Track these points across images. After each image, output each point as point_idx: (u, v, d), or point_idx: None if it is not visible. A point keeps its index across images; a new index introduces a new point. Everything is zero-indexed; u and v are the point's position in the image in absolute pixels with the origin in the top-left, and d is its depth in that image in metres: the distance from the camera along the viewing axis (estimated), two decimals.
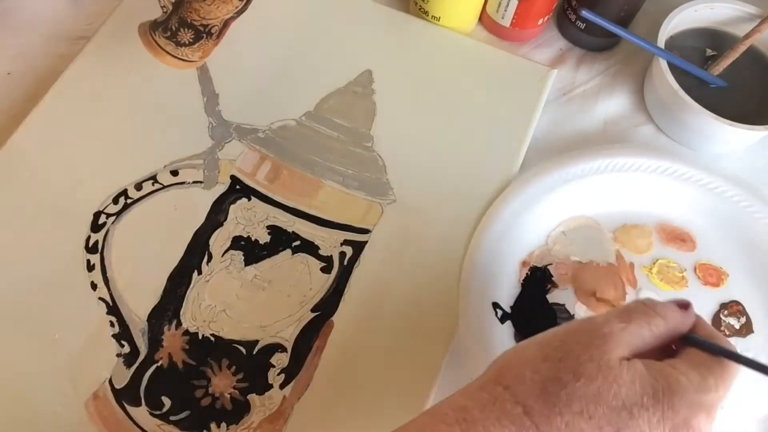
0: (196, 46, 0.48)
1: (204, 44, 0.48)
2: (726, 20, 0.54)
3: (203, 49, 0.48)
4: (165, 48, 0.47)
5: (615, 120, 0.55)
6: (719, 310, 0.47)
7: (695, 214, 0.49)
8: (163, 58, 0.48)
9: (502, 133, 0.52)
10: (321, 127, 0.52)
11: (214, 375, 0.44)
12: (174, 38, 0.47)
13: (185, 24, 0.47)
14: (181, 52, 0.48)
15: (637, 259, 0.48)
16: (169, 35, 0.47)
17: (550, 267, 0.48)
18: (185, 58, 0.48)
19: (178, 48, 0.48)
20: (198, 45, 0.48)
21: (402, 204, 0.49)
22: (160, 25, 0.48)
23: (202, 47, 0.48)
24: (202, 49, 0.48)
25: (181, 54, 0.48)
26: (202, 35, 0.48)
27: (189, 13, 0.47)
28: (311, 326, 0.45)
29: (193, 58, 0.48)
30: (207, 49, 0.49)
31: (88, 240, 0.47)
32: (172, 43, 0.47)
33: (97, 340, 0.44)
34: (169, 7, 0.48)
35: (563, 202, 0.49)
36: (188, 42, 0.47)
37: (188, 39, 0.47)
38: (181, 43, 0.47)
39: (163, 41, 0.47)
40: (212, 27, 0.48)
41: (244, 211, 0.48)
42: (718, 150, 0.53)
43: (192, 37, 0.47)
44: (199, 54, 0.48)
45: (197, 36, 0.48)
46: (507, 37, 0.57)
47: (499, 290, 0.46)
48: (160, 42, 0.47)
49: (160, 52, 0.48)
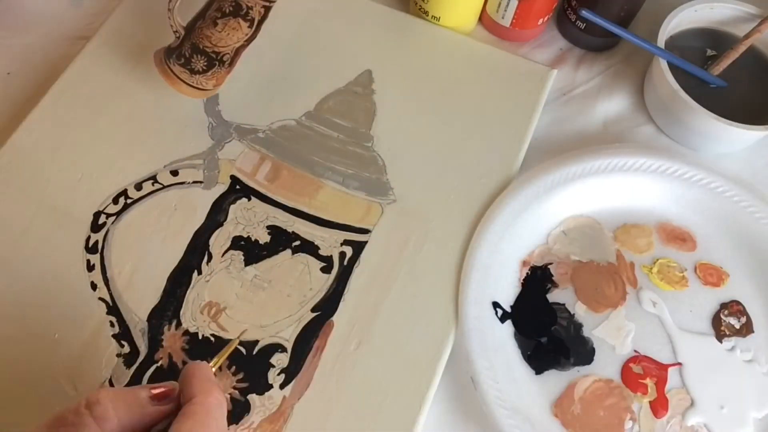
0: (209, 74, 0.48)
1: (217, 72, 0.48)
2: (726, 20, 0.54)
3: (216, 77, 0.49)
4: (180, 76, 0.48)
5: (615, 120, 0.55)
6: (719, 310, 0.47)
7: (695, 214, 0.49)
8: (179, 87, 0.48)
9: (502, 133, 0.52)
10: (321, 127, 0.52)
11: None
12: (188, 65, 0.48)
13: (198, 51, 0.48)
14: (196, 81, 0.48)
15: (638, 259, 0.48)
16: (183, 62, 0.48)
17: (551, 266, 0.48)
18: (200, 87, 0.49)
19: (193, 76, 0.48)
20: (212, 73, 0.48)
21: (402, 204, 0.49)
22: (174, 51, 0.48)
23: (216, 75, 0.49)
24: (215, 77, 0.49)
25: (195, 82, 0.48)
26: (215, 62, 0.48)
27: (201, 40, 0.48)
28: (311, 326, 0.45)
29: (208, 87, 0.49)
30: (220, 77, 0.49)
31: (88, 240, 0.47)
32: (187, 71, 0.48)
33: (97, 340, 0.44)
34: (181, 32, 0.48)
35: (563, 202, 0.49)
36: (202, 70, 0.48)
37: (201, 66, 0.48)
38: (195, 70, 0.48)
39: (178, 69, 0.48)
40: (224, 55, 0.48)
41: (244, 211, 0.48)
42: (718, 150, 0.53)
43: (205, 64, 0.48)
44: (213, 82, 0.49)
45: (210, 63, 0.48)
46: (507, 37, 0.57)
47: (500, 289, 0.46)
48: (175, 70, 0.48)
49: (176, 81, 0.48)
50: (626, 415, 0.44)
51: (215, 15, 0.47)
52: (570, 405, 0.44)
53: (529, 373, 0.45)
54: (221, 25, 0.47)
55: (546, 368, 0.45)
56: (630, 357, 0.45)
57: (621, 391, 0.44)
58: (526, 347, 0.45)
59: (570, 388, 0.44)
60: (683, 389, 0.44)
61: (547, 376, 0.45)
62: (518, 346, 0.45)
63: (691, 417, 0.44)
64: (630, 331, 0.46)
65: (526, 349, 0.45)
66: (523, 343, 0.45)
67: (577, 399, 0.44)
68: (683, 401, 0.44)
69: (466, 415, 0.45)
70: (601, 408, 0.44)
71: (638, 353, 0.45)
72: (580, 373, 0.45)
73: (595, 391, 0.44)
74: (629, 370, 0.45)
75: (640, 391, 0.44)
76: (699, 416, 0.44)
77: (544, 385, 0.44)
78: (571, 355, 0.45)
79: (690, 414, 0.44)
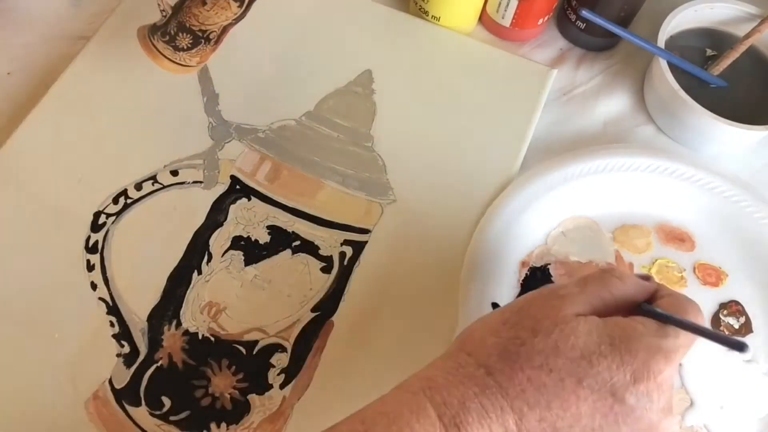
0: (194, 51, 0.48)
1: (202, 50, 0.48)
2: (726, 20, 0.54)
3: (201, 54, 0.48)
4: (163, 52, 0.47)
5: (615, 120, 0.55)
6: (718, 310, 0.47)
7: (694, 214, 0.49)
8: (161, 62, 0.48)
9: (502, 133, 0.52)
10: (321, 127, 0.52)
11: (214, 375, 0.44)
12: (172, 43, 0.47)
13: (184, 29, 0.47)
14: (179, 57, 0.48)
15: (636, 259, 0.48)
16: (167, 39, 0.47)
17: (550, 267, 0.48)
18: (183, 63, 0.48)
19: (176, 53, 0.48)
20: (196, 50, 0.48)
21: (402, 204, 0.49)
22: (159, 29, 0.48)
23: (200, 53, 0.48)
24: (199, 55, 0.48)
25: (178, 59, 0.48)
26: (201, 41, 0.48)
27: (188, 19, 0.47)
28: (311, 326, 0.45)
29: (191, 63, 0.48)
30: (205, 54, 0.49)
31: (88, 240, 0.47)
32: (170, 47, 0.47)
33: (97, 340, 0.44)
34: (168, 11, 0.48)
35: (562, 202, 0.49)
36: (186, 47, 0.47)
37: (186, 44, 0.47)
38: (179, 47, 0.47)
39: (162, 45, 0.47)
40: (211, 33, 0.48)
41: (244, 211, 0.48)
42: (718, 150, 0.53)
43: (190, 42, 0.47)
44: (197, 59, 0.49)
45: (195, 41, 0.48)
46: (507, 37, 0.57)
47: (499, 290, 0.46)
48: (158, 46, 0.47)
49: (158, 56, 0.48)
50: None
51: None
52: None
53: None
54: (210, 4, 0.46)
55: None
56: None
57: None
58: None
59: None
60: (682, 389, 0.44)
61: None
62: None
63: (691, 417, 0.44)
64: None
65: None
66: None
67: None
68: (683, 401, 0.44)
69: None
70: None
71: None
72: None
73: None
74: None
75: None
76: (698, 416, 0.44)
77: None
78: None
79: (689, 414, 0.44)
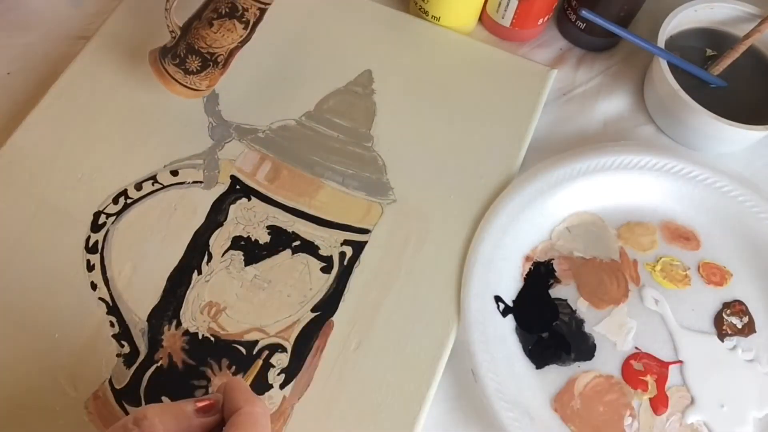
0: (203, 75, 0.48)
1: (211, 73, 0.49)
2: (726, 20, 0.54)
3: (210, 77, 0.49)
4: (174, 76, 0.48)
5: (615, 120, 0.55)
6: (722, 309, 0.47)
7: (700, 213, 0.49)
8: (173, 87, 0.48)
9: (502, 133, 0.52)
10: (321, 127, 0.52)
11: (214, 375, 0.44)
12: (182, 65, 0.48)
13: (193, 51, 0.48)
14: (190, 81, 0.48)
15: (641, 257, 0.48)
16: (177, 62, 0.48)
17: (553, 262, 0.48)
18: (193, 87, 0.49)
19: (187, 76, 0.48)
20: (205, 73, 0.48)
21: (402, 204, 0.49)
22: (169, 51, 0.48)
23: (209, 76, 0.49)
24: (209, 78, 0.49)
25: (189, 83, 0.48)
26: (209, 63, 0.48)
27: (196, 40, 0.48)
28: (311, 326, 0.45)
29: (201, 87, 0.49)
30: (213, 78, 0.49)
31: (88, 240, 0.47)
32: (181, 70, 0.48)
33: (97, 340, 0.44)
34: (177, 32, 0.48)
35: (568, 199, 0.49)
36: (196, 70, 0.48)
37: (196, 67, 0.48)
38: (189, 71, 0.48)
39: (173, 69, 0.48)
40: (218, 56, 0.48)
41: (244, 211, 0.48)
42: (718, 150, 0.53)
43: (199, 65, 0.48)
44: (207, 83, 0.49)
45: (204, 64, 0.48)
46: (507, 37, 0.57)
47: (502, 284, 0.46)
48: (169, 70, 0.48)
49: (169, 81, 0.48)
50: (626, 411, 0.44)
51: (211, 16, 0.47)
52: (570, 400, 0.44)
53: (529, 368, 0.45)
54: (217, 26, 0.47)
55: (547, 363, 0.45)
56: (631, 354, 0.45)
57: (621, 388, 0.44)
58: (527, 342, 0.45)
59: (570, 383, 0.44)
60: (684, 387, 0.44)
61: (547, 371, 0.45)
62: (519, 340, 0.45)
63: (691, 415, 0.44)
64: (631, 328, 0.46)
65: (527, 344, 0.45)
66: (524, 338, 0.45)
67: (577, 394, 0.44)
68: (683, 399, 0.44)
69: (466, 415, 0.44)
70: (601, 404, 0.44)
71: (639, 350, 0.45)
72: (580, 369, 0.45)
73: (596, 386, 0.44)
74: (630, 366, 0.45)
75: (641, 387, 0.44)
76: (699, 414, 0.44)
77: (545, 379, 0.44)
78: (572, 351, 0.45)
79: (690, 412, 0.44)
